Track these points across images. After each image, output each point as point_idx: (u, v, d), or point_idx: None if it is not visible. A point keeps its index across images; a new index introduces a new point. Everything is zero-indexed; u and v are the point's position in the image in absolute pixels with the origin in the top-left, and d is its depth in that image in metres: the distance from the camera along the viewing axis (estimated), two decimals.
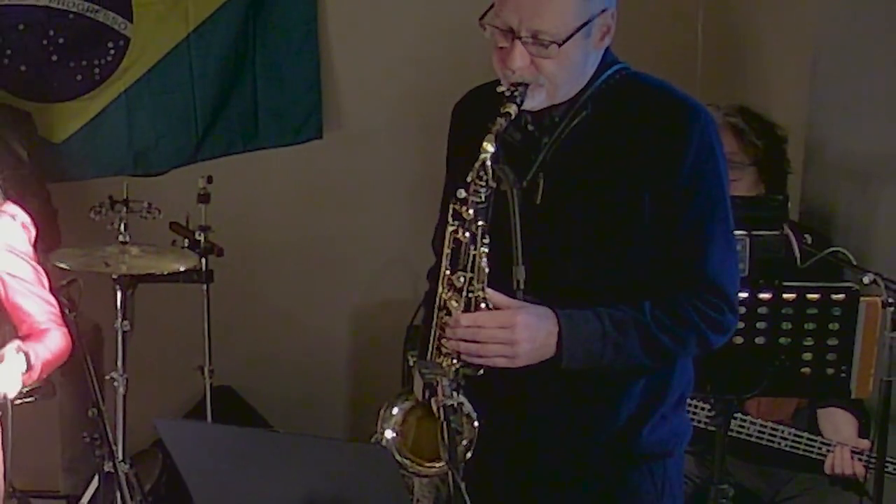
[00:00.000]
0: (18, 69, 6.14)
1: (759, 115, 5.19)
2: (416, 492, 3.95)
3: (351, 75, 6.43)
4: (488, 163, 3.11)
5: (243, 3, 6.27)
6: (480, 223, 3.11)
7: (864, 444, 4.73)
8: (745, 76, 6.20)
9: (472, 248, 3.13)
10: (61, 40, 6.17)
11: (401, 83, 6.20)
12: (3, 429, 4.20)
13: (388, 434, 3.23)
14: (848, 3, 5.44)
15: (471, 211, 3.12)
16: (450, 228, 3.18)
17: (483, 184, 3.10)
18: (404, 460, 3.21)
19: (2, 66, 6.11)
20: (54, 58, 6.18)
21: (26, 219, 4.27)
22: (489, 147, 3.08)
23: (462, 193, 3.13)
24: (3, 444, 4.22)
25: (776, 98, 5.70)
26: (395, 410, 3.23)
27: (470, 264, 3.14)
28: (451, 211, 3.20)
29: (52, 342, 4.13)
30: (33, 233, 4.29)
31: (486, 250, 3.12)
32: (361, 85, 6.43)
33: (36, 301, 4.18)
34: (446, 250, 3.20)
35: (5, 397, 4.05)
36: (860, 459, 4.70)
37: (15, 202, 5.09)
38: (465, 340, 3.13)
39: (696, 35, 6.04)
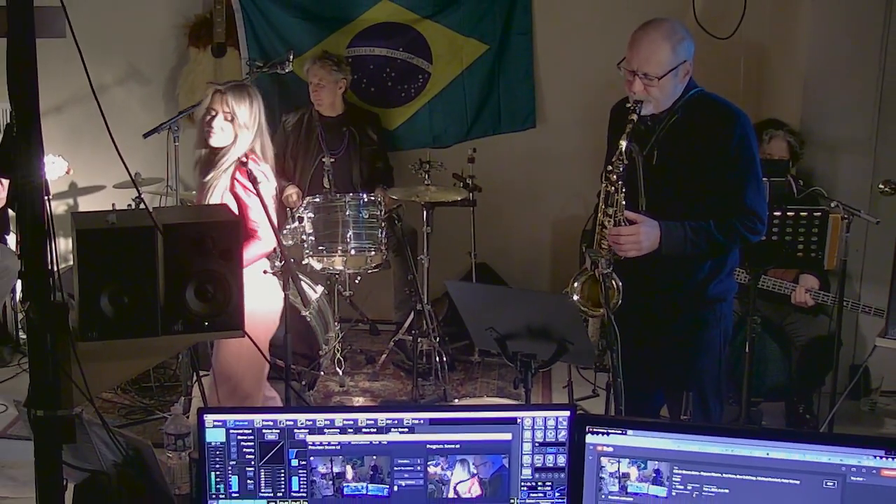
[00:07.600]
0: (370, 90, 6.29)
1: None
2: (589, 328, 3.64)
3: (553, 92, 6.28)
4: (623, 152, 3.15)
5: (492, 53, 6.19)
6: (620, 182, 3.18)
7: (816, 286, 4.74)
8: (766, 94, 5.87)
9: (616, 195, 3.19)
10: (393, 74, 6.28)
11: (584, 97, 5.94)
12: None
13: (575, 295, 3.28)
14: (825, 44, 5.21)
15: (614, 176, 3.19)
16: (602, 185, 3.25)
17: (621, 162, 3.16)
18: (582, 307, 3.27)
19: (362, 88, 6.26)
20: (389, 83, 6.30)
21: (261, 175, 3.88)
22: (623, 143, 3.15)
23: (610, 167, 3.21)
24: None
25: (785, 106, 5.49)
26: (576, 284, 3.31)
27: (615, 204, 3.20)
28: (603, 175, 3.27)
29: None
30: (264, 186, 3.88)
31: (624, 194, 3.19)
32: (559, 97, 6.28)
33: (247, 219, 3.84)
34: (602, 195, 3.24)
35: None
36: (810, 294, 4.71)
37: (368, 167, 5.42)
38: (615, 243, 3.19)
39: (739, 70, 5.71)
